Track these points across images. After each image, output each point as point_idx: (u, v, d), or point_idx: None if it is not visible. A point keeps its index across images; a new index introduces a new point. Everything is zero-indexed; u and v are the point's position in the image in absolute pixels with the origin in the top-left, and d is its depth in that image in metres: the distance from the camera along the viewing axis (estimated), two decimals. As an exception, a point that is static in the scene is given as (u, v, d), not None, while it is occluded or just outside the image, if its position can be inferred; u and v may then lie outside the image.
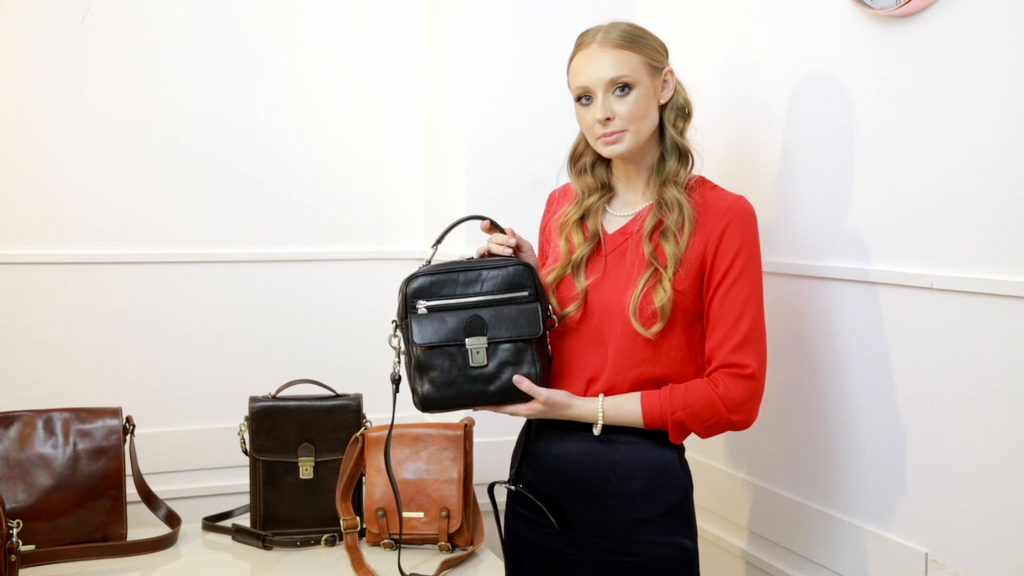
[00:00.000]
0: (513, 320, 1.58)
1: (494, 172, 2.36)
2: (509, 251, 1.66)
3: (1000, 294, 1.46)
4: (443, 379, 1.57)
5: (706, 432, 1.59)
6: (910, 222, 1.63)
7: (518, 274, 1.61)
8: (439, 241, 1.67)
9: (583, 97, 1.61)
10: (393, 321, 1.63)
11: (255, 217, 2.48)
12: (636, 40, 1.59)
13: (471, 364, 1.57)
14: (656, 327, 1.57)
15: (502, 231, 1.67)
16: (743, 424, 1.58)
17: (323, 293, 2.52)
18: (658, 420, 1.58)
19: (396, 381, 1.63)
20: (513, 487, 1.67)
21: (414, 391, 1.60)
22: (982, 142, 1.50)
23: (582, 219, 1.68)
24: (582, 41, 1.62)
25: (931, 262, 1.59)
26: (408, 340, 1.59)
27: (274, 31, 2.46)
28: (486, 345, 1.57)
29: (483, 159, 2.36)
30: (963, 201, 1.53)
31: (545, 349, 1.63)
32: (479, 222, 1.69)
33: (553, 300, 1.67)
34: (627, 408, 1.59)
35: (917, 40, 1.60)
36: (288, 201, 2.50)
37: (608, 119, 1.57)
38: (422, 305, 1.58)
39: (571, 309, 1.64)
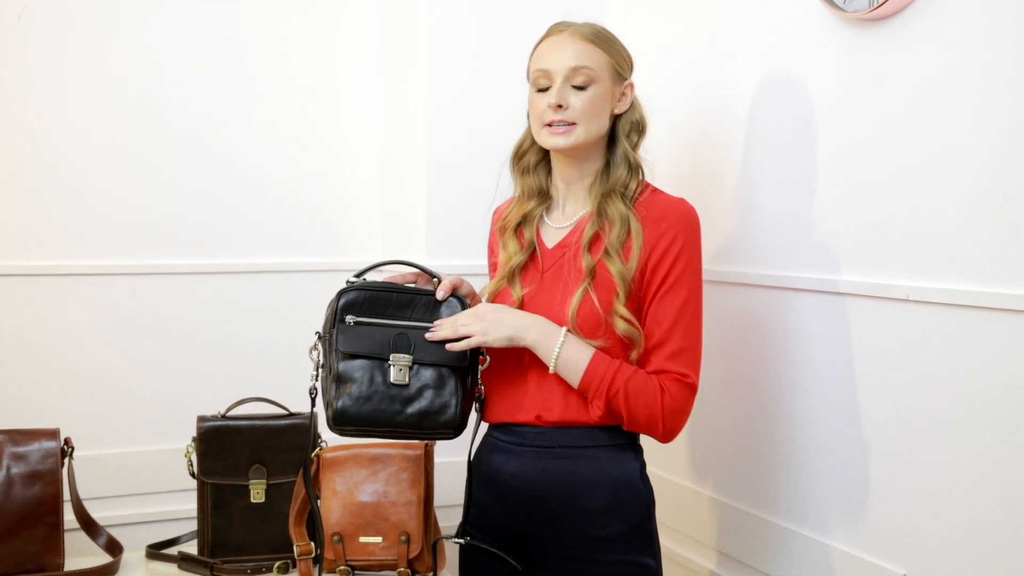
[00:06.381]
0: (440, 346, 1.58)
1: (457, 180, 2.34)
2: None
3: (980, 306, 1.45)
4: (360, 392, 1.56)
5: (629, 421, 1.56)
6: (884, 232, 1.62)
7: (451, 305, 1.62)
8: (360, 275, 1.64)
9: (540, 82, 1.60)
10: (316, 333, 1.62)
11: (203, 226, 2.43)
12: (607, 41, 1.61)
13: (391, 380, 1.56)
14: (634, 354, 1.57)
15: (432, 275, 1.66)
16: (668, 432, 1.56)
17: (276, 306, 2.49)
18: (596, 381, 1.54)
19: (313, 394, 1.62)
20: (462, 541, 1.64)
21: (328, 405, 1.58)
22: (959, 149, 1.49)
23: (519, 226, 1.68)
24: (553, 30, 1.64)
25: (906, 273, 1.58)
26: (329, 351, 1.59)
27: (222, 33, 2.43)
28: (409, 364, 1.57)
29: (445, 166, 2.34)
30: (939, 210, 1.52)
31: (469, 385, 1.62)
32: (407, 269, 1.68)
33: None
34: (578, 358, 1.55)
35: (891, 44, 1.60)
36: (239, 209, 2.47)
37: (560, 106, 1.57)
38: (351, 319, 1.58)
39: None
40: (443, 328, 1.58)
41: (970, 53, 1.47)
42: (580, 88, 1.57)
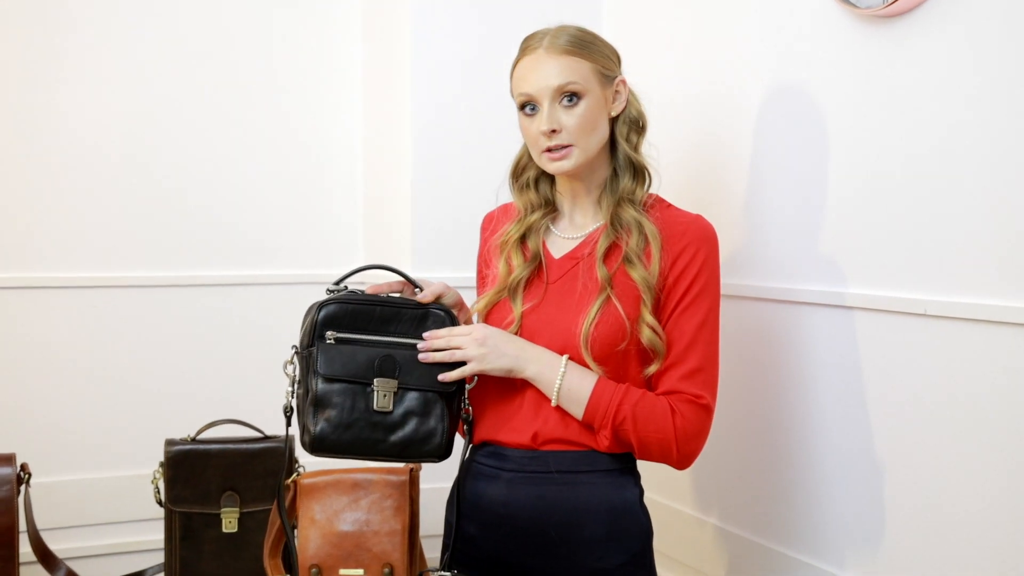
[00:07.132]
0: (428, 368, 1.53)
1: (444, 185, 2.32)
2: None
3: (1004, 321, 1.41)
4: (341, 419, 1.50)
5: (641, 449, 1.52)
6: (901, 242, 1.59)
7: (439, 320, 1.56)
8: (339, 282, 1.59)
9: (527, 106, 1.56)
10: (293, 347, 1.56)
11: (171, 237, 2.41)
12: (586, 46, 1.55)
13: (374, 407, 1.51)
14: (653, 367, 1.53)
15: (416, 285, 1.60)
16: (684, 458, 1.53)
17: (250, 321, 2.47)
18: (601, 410, 1.50)
19: (289, 413, 1.56)
20: (450, 575, 1.57)
21: (305, 429, 1.51)
22: (981, 153, 1.45)
23: (523, 239, 1.63)
24: (527, 46, 1.58)
25: (924, 286, 1.54)
26: (308, 370, 1.52)
27: (197, 37, 2.43)
28: (395, 389, 1.51)
29: (431, 170, 2.32)
30: (961, 219, 1.48)
31: (456, 407, 1.57)
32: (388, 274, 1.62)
33: None
34: (580, 386, 1.51)
35: (906, 42, 1.57)
36: (212, 219, 2.45)
37: (554, 131, 1.53)
38: (331, 335, 1.51)
39: None
40: (436, 345, 1.52)
41: (990, 51, 1.43)
42: (570, 102, 1.52)
